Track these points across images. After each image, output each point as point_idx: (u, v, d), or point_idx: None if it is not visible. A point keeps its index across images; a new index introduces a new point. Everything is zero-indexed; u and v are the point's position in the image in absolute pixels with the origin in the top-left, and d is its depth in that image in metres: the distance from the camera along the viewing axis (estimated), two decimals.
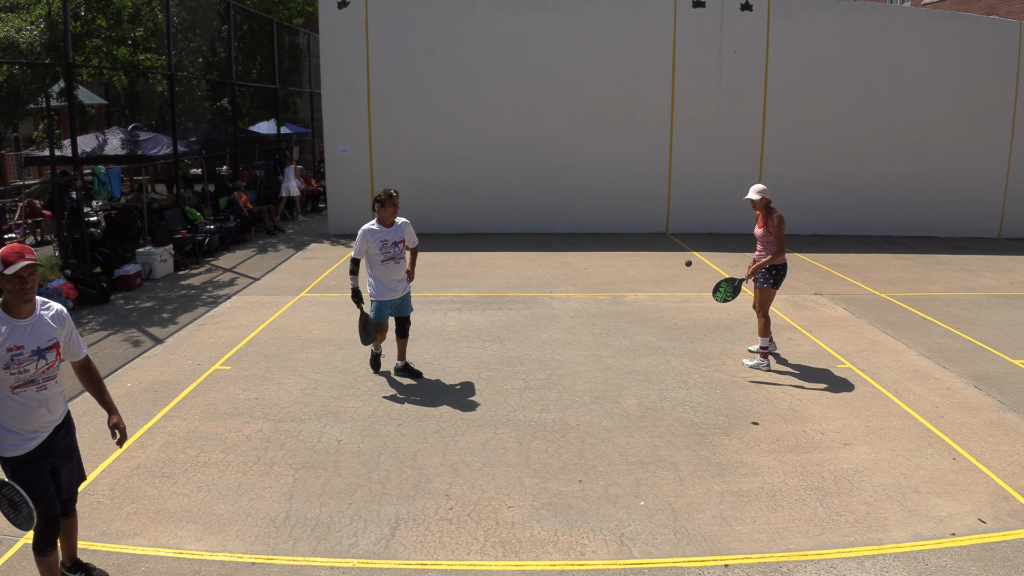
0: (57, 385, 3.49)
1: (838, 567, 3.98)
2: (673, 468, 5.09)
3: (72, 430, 3.67)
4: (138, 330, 8.33)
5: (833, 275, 11.38)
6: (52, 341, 3.39)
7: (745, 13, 14.42)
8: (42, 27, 11.35)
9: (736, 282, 7.15)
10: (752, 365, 7.07)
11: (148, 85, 15.52)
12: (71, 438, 3.65)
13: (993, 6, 22.41)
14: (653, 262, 12.15)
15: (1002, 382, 6.81)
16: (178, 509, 4.50)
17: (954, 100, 14.93)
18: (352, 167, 14.66)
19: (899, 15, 15.15)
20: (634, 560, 4.06)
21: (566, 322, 8.57)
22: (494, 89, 14.47)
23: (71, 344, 3.54)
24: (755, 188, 7.01)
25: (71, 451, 3.64)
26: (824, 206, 15.15)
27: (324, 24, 14.27)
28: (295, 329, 8.25)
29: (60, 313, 3.48)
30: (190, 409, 6.03)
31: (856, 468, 5.10)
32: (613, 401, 6.24)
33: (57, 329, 3.44)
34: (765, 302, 7.03)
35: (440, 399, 6.26)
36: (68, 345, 3.53)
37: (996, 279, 11.33)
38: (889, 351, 7.69)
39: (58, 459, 3.53)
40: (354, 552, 4.11)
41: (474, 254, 12.64)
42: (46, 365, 3.37)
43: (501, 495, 4.71)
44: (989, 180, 15.34)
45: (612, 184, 14.84)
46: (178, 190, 13.72)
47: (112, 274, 10.22)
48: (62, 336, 3.47)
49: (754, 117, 14.81)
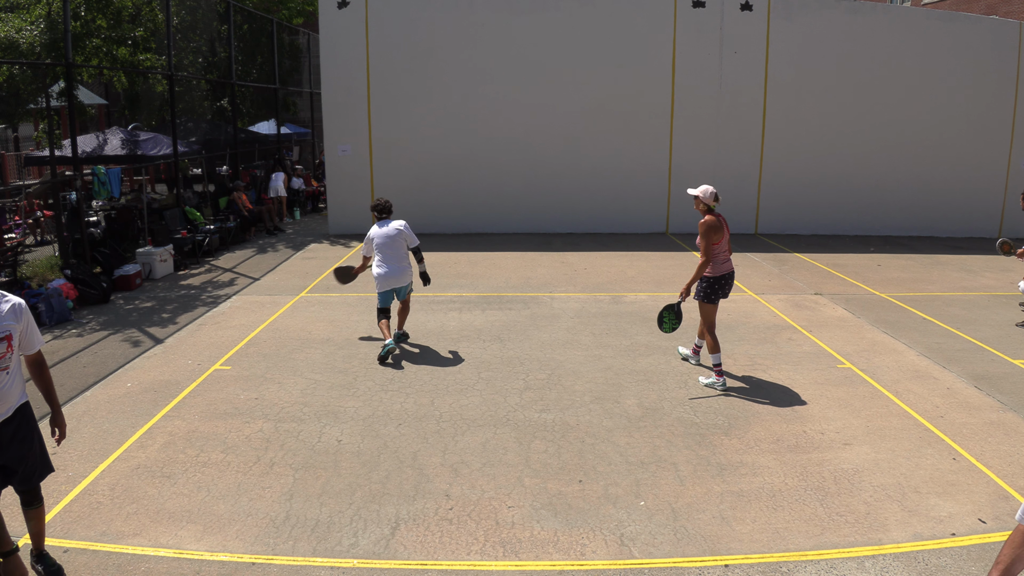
0: (8, 376, 3.47)
1: (838, 567, 3.98)
2: (673, 468, 5.08)
3: (26, 423, 3.63)
4: (138, 330, 8.33)
5: (833, 275, 11.38)
6: (4, 333, 3.41)
7: (745, 13, 14.42)
8: (42, 27, 11.34)
9: (675, 306, 6.70)
10: (707, 383, 6.56)
11: (148, 85, 15.52)
12: (24, 432, 3.60)
13: (993, 6, 22.41)
14: (653, 262, 12.15)
15: (1002, 382, 6.81)
16: (178, 509, 4.50)
17: (954, 100, 14.93)
18: (352, 167, 14.66)
19: (899, 15, 15.15)
20: (634, 560, 4.06)
21: (566, 322, 8.57)
22: (494, 89, 14.47)
23: (26, 338, 3.57)
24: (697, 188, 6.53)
25: (24, 444, 3.60)
26: (824, 206, 15.15)
27: (324, 24, 14.27)
28: (295, 329, 8.25)
29: (18, 306, 3.50)
30: (190, 409, 6.03)
31: (856, 468, 5.10)
32: (613, 401, 6.24)
33: (12, 323, 3.45)
34: (704, 317, 6.60)
35: (440, 399, 6.26)
36: (23, 339, 3.55)
37: (996, 279, 11.33)
38: (889, 351, 7.69)
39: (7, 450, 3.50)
40: (354, 552, 4.11)
41: (474, 254, 12.64)
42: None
43: (501, 495, 4.71)
44: (989, 180, 15.34)
45: (612, 184, 14.84)
46: (178, 190, 13.72)
47: (112, 274, 10.22)
48: (17, 329, 3.48)
49: (754, 117, 14.81)
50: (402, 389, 6.50)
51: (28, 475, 3.65)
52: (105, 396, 6.33)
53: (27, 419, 3.64)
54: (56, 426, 3.77)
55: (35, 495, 3.74)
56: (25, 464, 3.61)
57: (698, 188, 6.52)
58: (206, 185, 16.76)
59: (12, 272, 9.84)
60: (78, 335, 8.18)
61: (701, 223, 6.42)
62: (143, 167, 14.42)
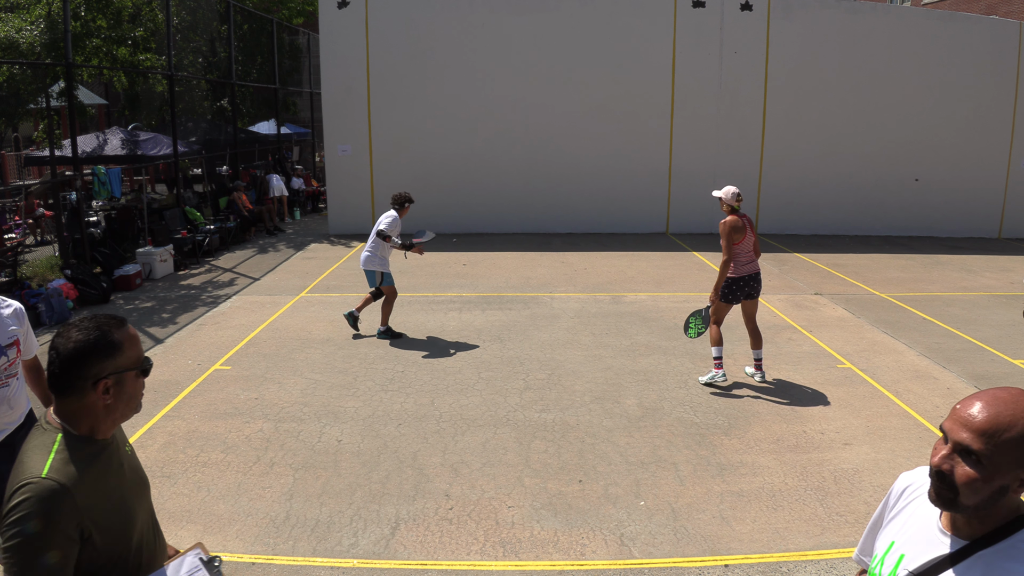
0: (19, 382, 3.46)
1: (838, 567, 3.97)
2: (673, 468, 5.08)
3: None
4: (138, 330, 8.31)
5: (833, 275, 11.38)
6: (13, 338, 3.38)
7: (745, 13, 14.42)
8: (42, 27, 11.35)
9: (703, 312, 6.71)
10: (706, 381, 6.60)
11: (148, 85, 15.52)
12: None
13: (993, 6, 22.41)
14: (653, 262, 12.15)
15: (1002, 382, 6.81)
16: (178, 509, 4.50)
17: (954, 100, 14.93)
18: (352, 167, 14.66)
19: (899, 15, 15.15)
20: (634, 560, 4.05)
21: (566, 322, 8.57)
22: (494, 89, 14.48)
23: (27, 342, 3.52)
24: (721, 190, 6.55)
25: None
26: (824, 206, 15.16)
27: (324, 24, 14.27)
28: (295, 329, 8.25)
29: (19, 311, 3.46)
30: (190, 409, 6.03)
31: (856, 468, 5.10)
32: (613, 401, 6.24)
33: (17, 327, 3.42)
34: (715, 312, 6.61)
35: (440, 399, 6.26)
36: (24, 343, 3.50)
37: (996, 279, 11.33)
38: (889, 351, 7.69)
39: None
40: (354, 552, 4.11)
41: (474, 254, 12.64)
42: (7, 362, 3.35)
43: (501, 495, 4.71)
44: (989, 180, 15.35)
45: (612, 184, 14.84)
46: (178, 190, 13.72)
47: (112, 274, 10.22)
48: (22, 333, 3.45)
49: (754, 117, 14.82)
50: (402, 389, 6.49)
51: None
52: None
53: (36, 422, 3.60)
54: None
55: None
56: None
57: (722, 190, 6.55)
58: (206, 185, 16.77)
59: (12, 272, 9.84)
60: None
61: (722, 223, 6.40)
62: (143, 167, 14.43)
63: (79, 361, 1.81)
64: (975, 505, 1.46)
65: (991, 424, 1.43)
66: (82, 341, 1.81)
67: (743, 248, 6.44)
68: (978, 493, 1.44)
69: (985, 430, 1.43)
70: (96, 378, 1.82)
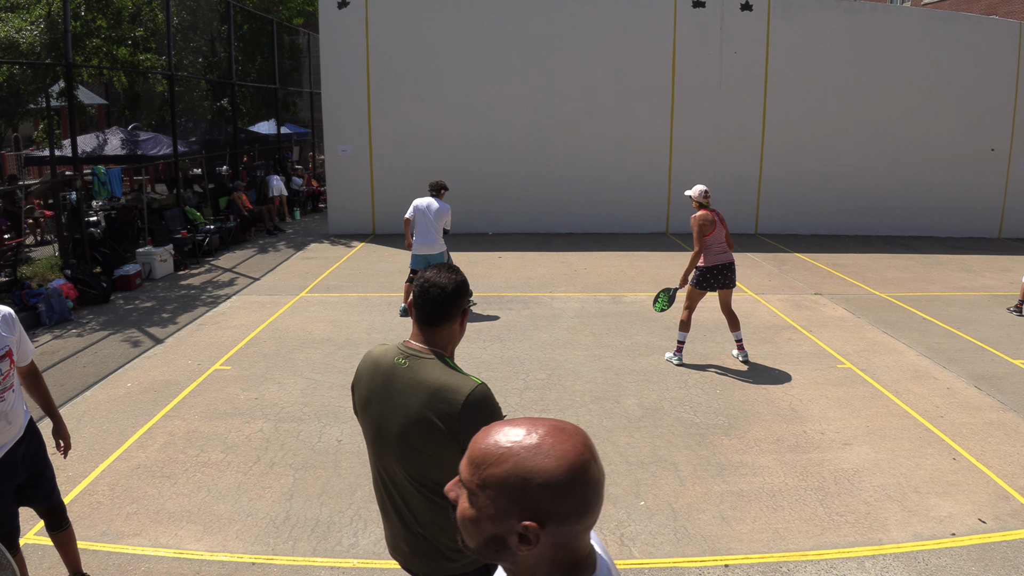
0: (16, 395, 3.25)
1: (838, 567, 3.97)
2: (673, 468, 5.08)
3: (36, 439, 3.45)
4: (138, 330, 8.33)
5: (833, 275, 11.38)
6: (5, 349, 3.16)
7: (745, 13, 14.42)
8: (42, 27, 11.34)
9: (671, 291, 7.35)
10: (668, 358, 7.24)
11: (148, 85, 15.53)
12: (35, 447, 3.43)
13: (993, 6, 22.41)
14: (653, 262, 12.15)
15: (1002, 382, 6.81)
16: (178, 509, 4.50)
17: (954, 100, 14.93)
18: (352, 167, 14.65)
19: (899, 15, 15.15)
20: (634, 560, 4.05)
21: (566, 322, 8.57)
22: (494, 89, 14.47)
23: (20, 349, 3.30)
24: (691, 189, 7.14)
25: (39, 459, 3.43)
26: (824, 206, 15.15)
27: (324, 24, 14.27)
28: (295, 329, 8.25)
29: (9, 317, 3.24)
30: (190, 409, 6.02)
31: (856, 468, 5.10)
32: (613, 401, 6.24)
33: (8, 336, 3.20)
34: (688, 299, 7.15)
35: None
36: (18, 350, 3.29)
37: (996, 279, 11.33)
38: (889, 351, 7.69)
39: (23, 470, 3.33)
40: (354, 552, 4.10)
41: (474, 254, 12.64)
42: (1, 375, 3.15)
43: None
44: (989, 180, 15.34)
45: (612, 184, 14.84)
46: (178, 190, 13.72)
47: (112, 274, 10.21)
48: (14, 342, 3.23)
49: (754, 117, 14.81)
50: None
51: (50, 490, 3.51)
52: (105, 396, 6.33)
53: (36, 434, 3.48)
54: (60, 438, 3.58)
55: (62, 515, 3.59)
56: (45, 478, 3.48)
57: (692, 188, 7.12)
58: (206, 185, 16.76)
59: (12, 272, 9.84)
60: (78, 335, 8.18)
61: (692, 217, 6.98)
62: (143, 167, 14.42)
63: (459, 295, 2.29)
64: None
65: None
66: (461, 280, 2.30)
67: (714, 239, 6.96)
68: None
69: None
70: (461, 308, 2.31)
